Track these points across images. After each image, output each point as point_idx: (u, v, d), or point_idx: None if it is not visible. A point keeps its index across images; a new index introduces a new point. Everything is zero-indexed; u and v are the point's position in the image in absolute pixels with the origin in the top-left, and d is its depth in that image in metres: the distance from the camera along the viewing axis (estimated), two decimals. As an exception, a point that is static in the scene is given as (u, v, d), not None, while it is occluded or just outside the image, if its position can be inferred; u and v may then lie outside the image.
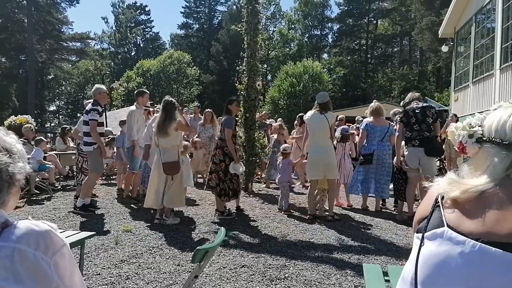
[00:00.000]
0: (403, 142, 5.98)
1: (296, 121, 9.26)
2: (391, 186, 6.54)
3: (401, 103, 6.23)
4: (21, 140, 1.21)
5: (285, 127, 10.24)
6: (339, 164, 6.77)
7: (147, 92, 7.30)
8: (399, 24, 46.18)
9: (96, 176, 6.48)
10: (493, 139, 1.04)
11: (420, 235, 1.07)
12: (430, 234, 1.03)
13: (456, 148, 1.17)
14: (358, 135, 8.03)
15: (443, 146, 6.57)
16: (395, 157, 6.19)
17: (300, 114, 8.94)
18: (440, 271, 0.97)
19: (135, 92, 7.38)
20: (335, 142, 6.39)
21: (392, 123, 6.97)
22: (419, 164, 5.73)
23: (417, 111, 5.69)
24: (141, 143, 6.73)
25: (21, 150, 1.17)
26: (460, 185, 1.04)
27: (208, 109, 9.46)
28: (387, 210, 6.81)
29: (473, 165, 1.09)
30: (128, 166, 7.29)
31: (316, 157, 5.82)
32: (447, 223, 1.01)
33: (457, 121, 5.93)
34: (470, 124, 1.12)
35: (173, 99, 5.78)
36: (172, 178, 5.54)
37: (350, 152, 7.15)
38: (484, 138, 1.06)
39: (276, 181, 6.65)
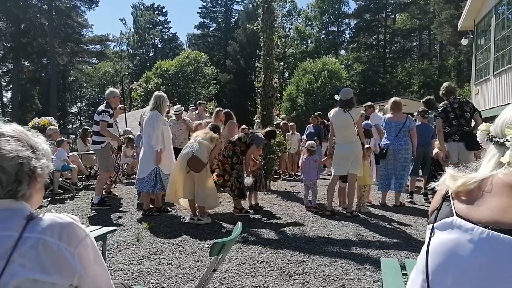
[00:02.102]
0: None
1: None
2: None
3: (440, 93, 6.17)
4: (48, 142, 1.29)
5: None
6: None
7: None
8: (418, 18, 45.34)
9: (106, 174, 6.66)
10: (493, 137, 1.11)
11: (431, 225, 1.10)
12: (440, 224, 1.05)
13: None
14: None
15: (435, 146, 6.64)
16: (434, 150, 6.36)
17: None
18: (450, 259, 0.99)
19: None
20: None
21: (410, 117, 6.92)
22: (458, 158, 5.79)
23: (455, 106, 5.76)
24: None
25: (46, 149, 1.24)
26: (459, 178, 1.08)
27: (220, 108, 9.48)
28: (414, 205, 6.74)
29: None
30: None
31: (341, 153, 5.85)
32: (456, 213, 1.03)
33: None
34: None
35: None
36: (188, 172, 5.46)
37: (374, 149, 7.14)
38: (490, 137, 1.12)
39: (303, 178, 6.65)
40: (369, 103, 9.15)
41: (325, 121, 10.57)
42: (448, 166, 1.18)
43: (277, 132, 8.18)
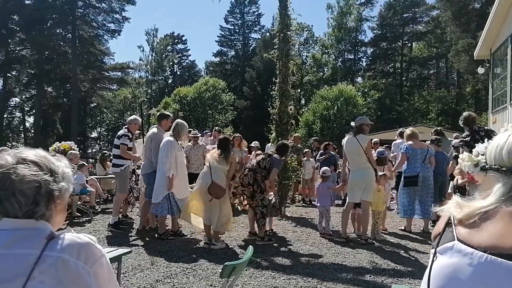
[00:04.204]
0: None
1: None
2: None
3: (461, 123, 6.13)
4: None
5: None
6: None
7: (171, 115, 6.94)
8: (435, 47, 45.44)
9: (122, 195, 6.82)
10: (494, 166, 1.12)
11: (433, 250, 1.14)
12: (441, 248, 1.10)
13: (466, 178, 1.25)
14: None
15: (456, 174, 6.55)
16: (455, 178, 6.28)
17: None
18: (451, 282, 1.03)
19: (157, 115, 7.04)
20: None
21: (430, 145, 6.97)
22: None
23: (482, 134, 5.74)
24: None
25: (67, 173, 1.32)
26: (465, 208, 1.11)
27: (237, 134, 9.65)
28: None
29: (483, 191, 1.15)
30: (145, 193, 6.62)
31: (354, 180, 5.89)
32: (457, 238, 1.07)
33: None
34: (476, 153, 1.20)
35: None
36: (210, 200, 5.55)
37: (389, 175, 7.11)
38: (487, 166, 1.14)
39: (317, 205, 6.63)
40: (375, 140, 9.17)
41: (318, 146, 11.65)
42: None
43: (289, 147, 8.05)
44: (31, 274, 1.12)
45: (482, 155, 1.18)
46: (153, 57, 52.63)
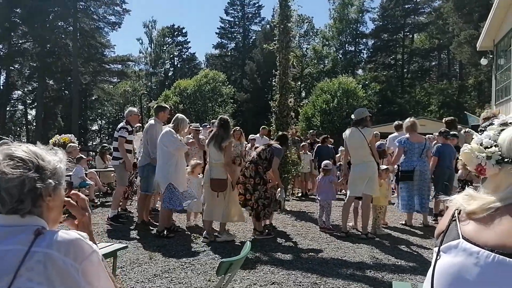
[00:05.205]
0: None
1: None
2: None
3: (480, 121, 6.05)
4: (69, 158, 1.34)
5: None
6: None
7: (168, 107, 6.89)
8: (437, 38, 45.19)
9: (122, 188, 6.81)
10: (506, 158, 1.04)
11: (437, 248, 1.08)
12: (445, 247, 1.04)
13: (473, 170, 1.15)
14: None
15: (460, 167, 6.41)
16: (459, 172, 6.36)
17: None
18: (456, 282, 0.97)
19: (155, 107, 6.94)
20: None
21: (427, 138, 6.91)
22: None
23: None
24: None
25: (59, 168, 1.27)
26: (478, 200, 1.04)
27: (237, 127, 9.57)
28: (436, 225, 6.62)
29: (491, 186, 1.08)
30: (140, 186, 6.72)
31: (356, 174, 5.80)
32: (462, 235, 1.01)
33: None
34: (484, 144, 1.11)
35: (228, 119, 5.87)
36: (217, 195, 5.52)
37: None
38: (505, 160, 1.06)
39: (319, 199, 6.58)
40: (375, 132, 9.11)
41: (316, 139, 11.90)
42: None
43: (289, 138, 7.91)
44: (18, 271, 1.08)
45: (494, 147, 1.09)
46: (152, 49, 52.36)
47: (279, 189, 6.06)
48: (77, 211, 1.45)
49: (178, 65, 58.22)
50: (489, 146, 1.09)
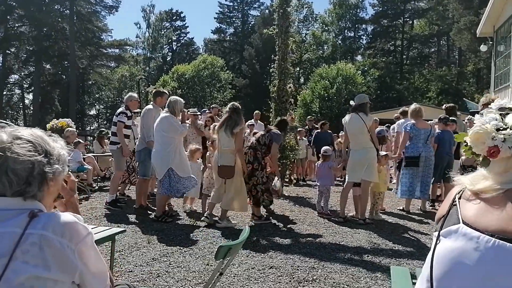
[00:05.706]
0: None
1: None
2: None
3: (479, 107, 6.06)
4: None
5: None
6: None
7: (166, 93, 6.79)
8: (436, 24, 44.83)
9: (120, 172, 6.82)
10: None
11: (436, 233, 1.07)
12: (445, 231, 1.03)
13: (482, 152, 1.10)
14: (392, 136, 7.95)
15: (463, 152, 6.36)
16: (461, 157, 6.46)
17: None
18: (455, 267, 0.97)
19: (153, 92, 6.89)
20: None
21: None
22: None
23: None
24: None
25: (62, 155, 1.28)
26: (489, 180, 1.03)
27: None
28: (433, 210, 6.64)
29: (499, 169, 1.05)
30: (138, 171, 6.66)
31: (355, 160, 5.78)
32: (462, 220, 1.01)
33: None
34: (499, 126, 1.08)
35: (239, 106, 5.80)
36: (225, 182, 5.49)
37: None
38: None
39: (318, 184, 6.58)
40: (375, 118, 9.08)
41: (315, 125, 12.19)
42: None
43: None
44: (13, 254, 1.08)
45: (509, 129, 1.06)
46: (150, 34, 51.79)
47: (276, 178, 6.06)
48: (65, 191, 1.51)
49: (177, 50, 57.71)
50: (501, 129, 1.06)
